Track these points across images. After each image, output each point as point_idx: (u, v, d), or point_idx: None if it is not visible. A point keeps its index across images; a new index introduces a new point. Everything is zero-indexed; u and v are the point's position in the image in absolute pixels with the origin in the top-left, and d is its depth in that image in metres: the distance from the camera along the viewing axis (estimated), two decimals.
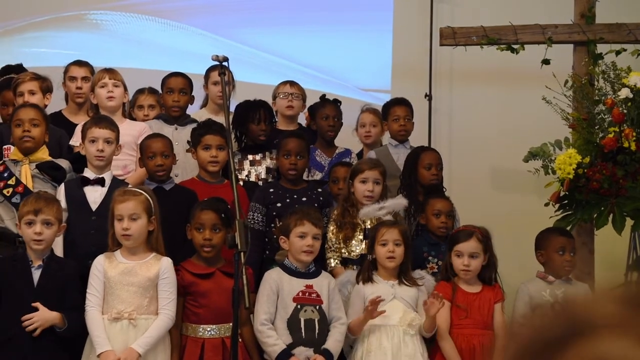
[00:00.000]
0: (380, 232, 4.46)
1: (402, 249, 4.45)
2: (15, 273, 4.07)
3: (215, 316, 4.18)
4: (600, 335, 1.05)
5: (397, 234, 4.44)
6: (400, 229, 4.48)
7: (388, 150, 5.56)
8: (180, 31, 7.26)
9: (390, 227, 4.47)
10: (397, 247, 4.44)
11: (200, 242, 4.27)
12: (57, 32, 7.19)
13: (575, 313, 1.09)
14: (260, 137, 5.29)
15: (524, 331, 1.12)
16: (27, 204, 4.14)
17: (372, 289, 4.43)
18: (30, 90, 5.15)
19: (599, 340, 1.05)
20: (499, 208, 6.52)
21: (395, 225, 4.49)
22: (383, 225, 4.50)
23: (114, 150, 4.63)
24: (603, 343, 1.04)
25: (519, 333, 1.13)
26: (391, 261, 4.44)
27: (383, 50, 7.21)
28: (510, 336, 1.14)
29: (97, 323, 4.03)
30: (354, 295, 4.45)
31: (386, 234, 4.44)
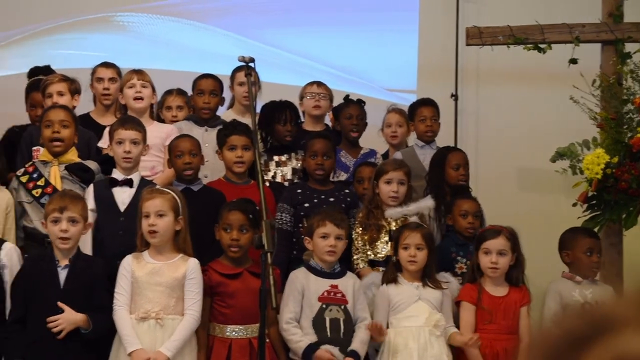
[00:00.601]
0: (403, 235, 4.47)
1: (424, 252, 4.46)
2: (42, 273, 4.10)
3: (243, 316, 4.20)
4: (622, 333, 1.06)
5: (420, 238, 4.45)
6: (423, 233, 4.49)
7: (414, 151, 5.55)
8: (206, 32, 7.29)
9: (413, 230, 4.47)
10: (419, 251, 4.45)
11: (228, 243, 4.28)
12: (84, 34, 7.24)
13: (599, 313, 1.11)
14: (286, 138, 5.31)
15: (552, 331, 1.13)
16: (53, 202, 4.17)
17: (397, 290, 4.45)
18: (59, 92, 5.19)
19: (620, 338, 1.06)
20: (525, 208, 6.49)
21: (418, 229, 4.49)
22: (406, 229, 4.51)
23: (141, 151, 4.66)
24: (624, 340, 1.06)
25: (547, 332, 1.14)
26: (412, 265, 4.46)
27: (409, 50, 7.19)
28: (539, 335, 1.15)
29: (126, 322, 4.06)
30: (378, 297, 4.46)
31: (408, 238, 4.45)
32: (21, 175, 4.66)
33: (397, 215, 4.72)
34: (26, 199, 4.60)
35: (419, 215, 4.71)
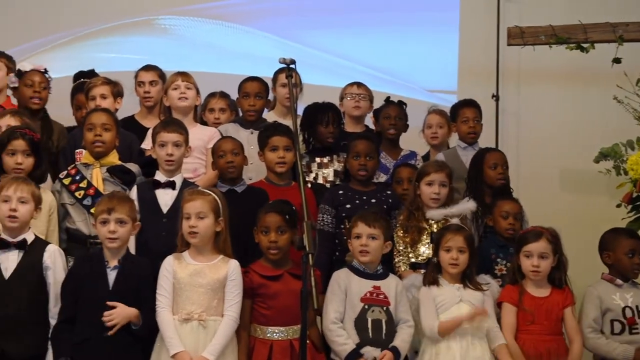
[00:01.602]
0: (445, 238, 4.47)
1: (465, 255, 4.45)
2: (91, 274, 4.15)
3: (283, 318, 4.22)
4: None
5: (462, 241, 4.45)
6: (465, 235, 4.48)
7: (457, 152, 5.54)
8: (247, 35, 7.34)
9: (455, 233, 4.46)
10: (460, 254, 4.45)
11: (267, 245, 4.31)
12: (127, 38, 7.33)
13: None
14: (328, 140, 5.32)
15: None
16: (101, 203, 4.23)
17: (438, 291, 4.44)
18: (102, 95, 5.26)
19: None
20: (568, 209, 6.45)
21: (460, 232, 4.48)
22: (448, 231, 4.50)
23: (183, 153, 4.70)
24: None
25: None
26: (454, 268, 4.46)
27: (449, 51, 7.18)
28: None
29: (169, 324, 4.10)
30: (423, 296, 4.45)
31: (450, 241, 4.45)
32: (64, 178, 4.73)
33: (438, 216, 4.71)
34: (69, 200, 4.67)
35: (460, 217, 4.69)
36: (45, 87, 5.44)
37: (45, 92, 5.45)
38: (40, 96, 5.41)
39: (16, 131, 4.57)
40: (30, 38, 7.10)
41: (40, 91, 5.41)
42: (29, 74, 5.42)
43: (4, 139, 4.54)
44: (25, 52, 6.86)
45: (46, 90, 5.46)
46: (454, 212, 4.65)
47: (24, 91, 5.41)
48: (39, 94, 5.40)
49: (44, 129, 5.33)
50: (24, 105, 5.41)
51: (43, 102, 5.43)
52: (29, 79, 5.40)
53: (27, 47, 7.00)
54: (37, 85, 5.40)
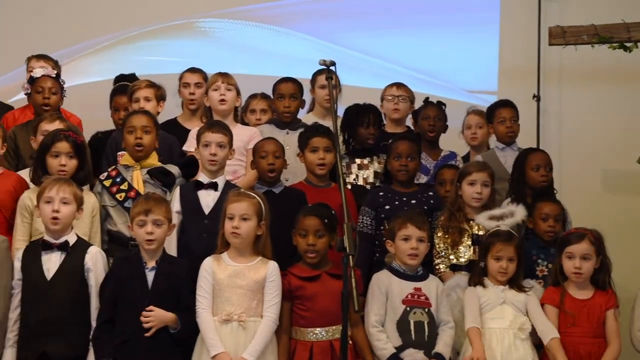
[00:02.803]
0: (495, 247, 4.45)
1: (515, 264, 4.44)
2: (130, 275, 4.19)
3: (323, 319, 4.21)
4: None
5: (512, 251, 4.43)
6: (515, 245, 4.45)
7: (495, 153, 5.50)
8: (287, 36, 7.36)
9: (506, 244, 4.44)
10: (510, 263, 4.43)
11: (304, 248, 4.31)
12: (167, 41, 7.39)
13: None
14: (369, 141, 5.31)
15: None
16: (138, 205, 4.26)
17: (483, 292, 4.43)
18: (146, 97, 5.31)
19: None
20: (611, 210, 6.37)
21: (511, 242, 4.45)
22: (499, 240, 4.46)
23: (226, 154, 4.72)
24: None
25: None
26: (503, 276, 4.45)
27: (489, 51, 7.14)
28: None
29: (209, 325, 4.11)
30: (468, 296, 4.43)
31: (501, 251, 4.43)
32: (105, 180, 4.77)
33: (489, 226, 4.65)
34: (110, 202, 4.71)
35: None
36: (55, 93, 5.40)
37: (55, 98, 5.41)
38: (49, 102, 5.37)
39: (60, 133, 4.62)
40: (74, 42, 7.18)
41: (50, 97, 5.38)
42: (39, 80, 5.41)
43: (48, 141, 4.59)
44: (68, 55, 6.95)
45: (56, 96, 5.41)
46: (507, 224, 4.59)
47: (35, 97, 5.41)
48: (48, 99, 5.37)
49: None
50: (37, 111, 5.41)
51: (52, 108, 5.38)
52: (39, 85, 5.39)
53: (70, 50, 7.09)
54: (46, 92, 5.37)
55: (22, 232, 4.49)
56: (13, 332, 4.18)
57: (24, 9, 7.20)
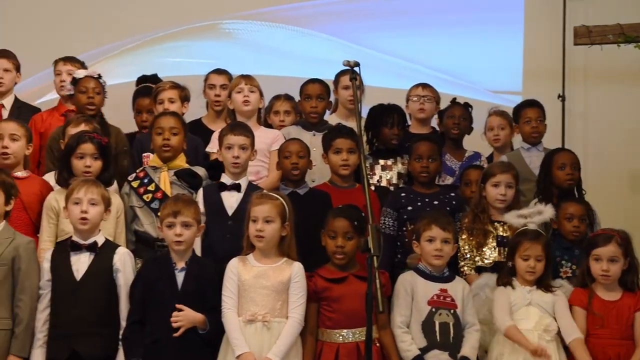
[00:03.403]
0: (523, 246, 4.43)
1: (543, 263, 4.42)
2: (160, 275, 4.21)
3: (350, 320, 4.20)
4: None
5: (540, 249, 4.42)
6: (544, 244, 4.44)
7: (520, 154, 5.48)
8: (310, 38, 7.37)
9: (534, 242, 4.42)
10: (538, 262, 4.42)
11: (333, 250, 4.31)
12: (191, 42, 7.42)
13: None
14: (392, 142, 5.31)
15: None
16: (167, 207, 4.28)
17: (511, 293, 4.42)
18: (170, 99, 5.33)
19: None
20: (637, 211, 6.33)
21: (539, 240, 4.44)
22: (526, 239, 4.45)
23: (249, 156, 4.74)
24: None
25: None
26: (531, 275, 4.43)
27: (514, 51, 7.12)
28: None
29: (234, 325, 4.12)
30: (499, 295, 4.42)
31: (529, 250, 4.42)
32: (132, 181, 4.80)
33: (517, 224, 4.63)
34: (137, 203, 4.74)
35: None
36: (98, 93, 5.44)
37: (99, 98, 5.45)
38: (93, 102, 5.41)
39: (85, 135, 4.65)
40: (99, 44, 7.23)
41: (94, 96, 5.41)
42: (83, 81, 5.45)
43: (73, 143, 4.63)
44: (93, 57, 6.99)
45: (100, 96, 5.45)
46: (535, 221, 4.58)
47: (79, 98, 5.45)
48: (92, 99, 5.41)
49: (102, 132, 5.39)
50: (81, 111, 5.45)
51: (97, 108, 5.44)
52: (82, 86, 5.43)
53: (95, 52, 7.13)
54: (90, 92, 5.40)
55: (49, 233, 4.52)
56: (42, 333, 4.21)
57: (50, 12, 7.26)
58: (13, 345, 4.16)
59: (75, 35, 7.04)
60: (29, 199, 4.58)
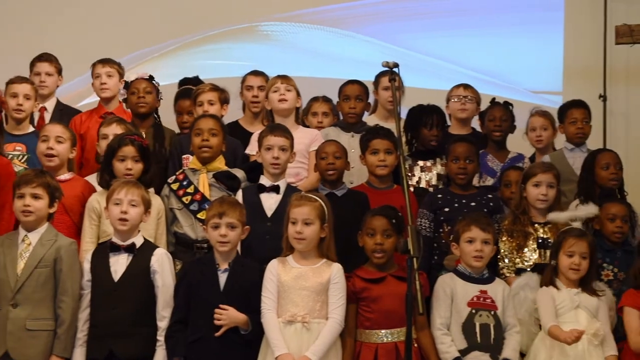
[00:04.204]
0: (567, 243, 4.39)
1: (587, 262, 4.38)
2: (204, 276, 4.24)
3: (388, 321, 4.20)
4: None
5: (586, 247, 4.38)
6: (589, 242, 4.40)
7: (563, 154, 5.44)
8: (348, 39, 7.38)
9: (579, 239, 4.39)
10: (583, 260, 4.38)
11: (372, 247, 4.30)
12: (230, 44, 7.47)
13: None
14: (432, 143, 5.29)
15: None
16: (213, 208, 4.31)
17: (556, 294, 4.38)
18: (210, 101, 5.37)
19: None
20: None
21: (584, 238, 4.41)
22: (571, 236, 4.41)
23: (288, 157, 4.76)
24: None
25: None
26: (575, 273, 4.39)
27: (554, 51, 7.08)
28: None
29: (274, 326, 4.14)
30: (542, 296, 4.39)
31: (574, 246, 4.38)
32: (172, 183, 4.83)
33: (563, 220, 4.60)
34: (177, 205, 4.77)
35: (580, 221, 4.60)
36: (149, 92, 5.53)
37: (150, 97, 5.54)
38: (144, 101, 5.52)
39: (125, 138, 4.70)
40: (139, 47, 7.30)
41: (145, 96, 5.51)
42: (134, 83, 5.57)
43: (114, 146, 4.68)
44: (134, 60, 7.07)
45: (151, 95, 5.54)
46: (580, 216, 4.54)
47: (131, 99, 5.57)
48: (143, 98, 5.51)
49: (156, 135, 5.49)
50: (134, 112, 5.57)
51: (149, 106, 5.54)
52: (134, 87, 5.55)
53: (136, 55, 7.21)
54: (141, 91, 5.52)
55: (90, 235, 4.57)
56: (82, 332, 4.26)
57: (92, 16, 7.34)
58: (56, 346, 4.21)
59: (116, 38, 7.11)
60: (70, 201, 4.62)
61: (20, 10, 7.32)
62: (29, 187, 4.28)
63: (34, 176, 4.32)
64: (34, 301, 4.20)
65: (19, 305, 4.18)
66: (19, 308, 4.18)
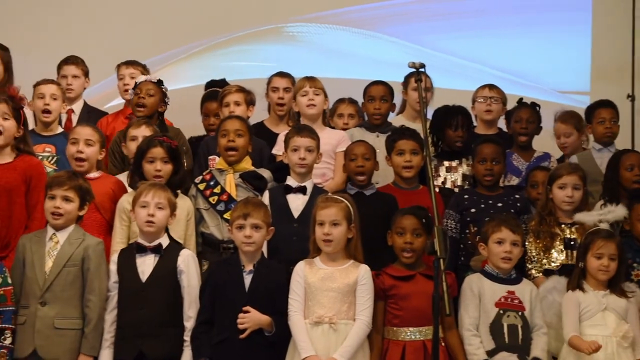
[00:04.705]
0: (596, 244, 4.36)
1: (616, 263, 4.35)
2: (229, 277, 4.25)
3: (416, 319, 4.20)
4: None
5: (614, 248, 4.35)
6: (617, 243, 4.37)
7: (591, 154, 5.41)
8: (374, 40, 7.38)
9: (608, 240, 4.36)
10: (611, 261, 4.35)
11: (401, 246, 4.30)
12: (256, 46, 7.48)
13: None
14: (457, 143, 5.28)
15: None
16: (237, 209, 4.32)
17: (583, 297, 4.35)
18: (236, 102, 5.37)
19: None
20: None
21: (612, 239, 4.38)
22: (599, 237, 4.38)
23: (315, 158, 4.76)
24: None
25: None
26: (604, 274, 4.36)
27: (581, 51, 7.05)
28: None
29: (301, 328, 4.14)
30: (567, 302, 4.36)
31: (603, 248, 4.35)
32: (199, 183, 4.85)
33: (589, 221, 4.57)
34: (203, 205, 4.79)
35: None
36: (151, 95, 5.40)
37: (151, 100, 5.37)
38: (144, 102, 5.37)
39: (154, 139, 4.72)
40: (165, 49, 7.33)
41: (145, 97, 5.38)
42: (140, 84, 5.49)
43: (143, 147, 4.70)
44: (160, 62, 7.10)
45: (153, 98, 5.38)
46: (609, 218, 4.51)
47: (133, 99, 5.48)
48: (143, 99, 5.38)
49: None
50: (133, 112, 5.46)
51: (148, 110, 5.38)
52: (139, 89, 5.47)
53: (162, 57, 7.24)
54: (143, 93, 5.40)
55: (121, 235, 4.59)
56: (110, 334, 4.28)
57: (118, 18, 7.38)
58: (83, 345, 4.23)
59: (143, 40, 7.15)
60: (101, 199, 4.63)
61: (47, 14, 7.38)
62: (60, 189, 4.31)
63: (66, 178, 4.35)
64: (62, 300, 4.22)
65: (47, 303, 4.21)
66: (48, 306, 4.21)
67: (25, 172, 4.64)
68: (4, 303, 4.21)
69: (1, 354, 4.16)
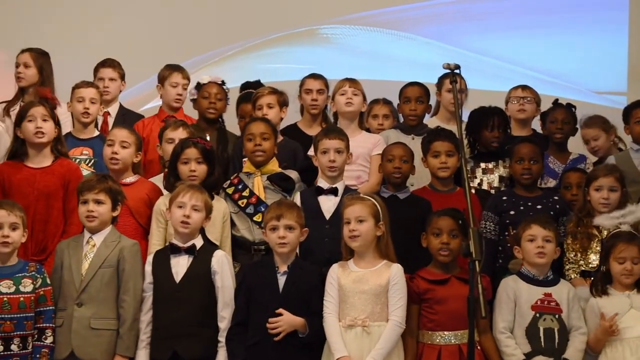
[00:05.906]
0: (617, 248, 4.32)
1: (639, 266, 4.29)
2: (263, 279, 4.26)
3: (452, 322, 4.18)
4: None
5: (636, 251, 4.30)
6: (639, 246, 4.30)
7: (629, 155, 5.35)
8: (408, 41, 7.36)
9: (629, 244, 4.31)
10: (635, 265, 4.30)
11: (438, 247, 4.29)
12: (290, 48, 7.49)
13: None
14: (493, 144, 5.25)
15: None
16: (270, 210, 4.34)
17: (607, 301, 4.30)
18: (269, 104, 5.39)
19: None
20: None
21: (634, 242, 4.32)
22: (621, 240, 4.33)
23: (345, 159, 4.75)
24: None
25: None
26: (627, 278, 4.31)
27: (618, 51, 6.99)
28: None
29: (335, 329, 4.14)
30: (588, 311, 4.33)
31: (625, 252, 4.30)
32: (227, 187, 4.87)
33: (607, 223, 4.53)
34: (233, 209, 4.81)
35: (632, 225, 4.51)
36: (220, 99, 5.65)
37: (221, 103, 5.68)
38: (215, 107, 5.63)
39: (189, 140, 4.76)
40: (200, 51, 7.36)
41: (216, 102, 5.63)
42: (206, 86, 5.66)
43: (178, 149, 4.74)
44: (195, 64, 7.12)
45: (222, 102, 5.68)
46: (627, 221, 4.46)
47: (201, 102, 5.66)
48: (214, 104, 5.62)
49: (220, 139, 5.57)
50: (202, 115, 5.65)
51: (218, 113, 5.66)
52: (206, 91, 5.64)
53: (198, 59, 7.27)
54: (212, 97, 5.63)
55: (158, 237, 4.62)
56: (146, 334, 4.30)
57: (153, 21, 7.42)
58: (119, 345, 4.26)
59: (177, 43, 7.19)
60: (136, 204, 4.69)
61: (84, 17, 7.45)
62: (91, 193, 4.35)
63: (95, 182, 4.40)
64: (98, 301, 4.26)
65: (83, 304, 4.25)
66: (84, 307, 4.25)
67: (64, 177, 4.72)
68: (44, 303, 4.27)
69: (43, 353, 4.22)
